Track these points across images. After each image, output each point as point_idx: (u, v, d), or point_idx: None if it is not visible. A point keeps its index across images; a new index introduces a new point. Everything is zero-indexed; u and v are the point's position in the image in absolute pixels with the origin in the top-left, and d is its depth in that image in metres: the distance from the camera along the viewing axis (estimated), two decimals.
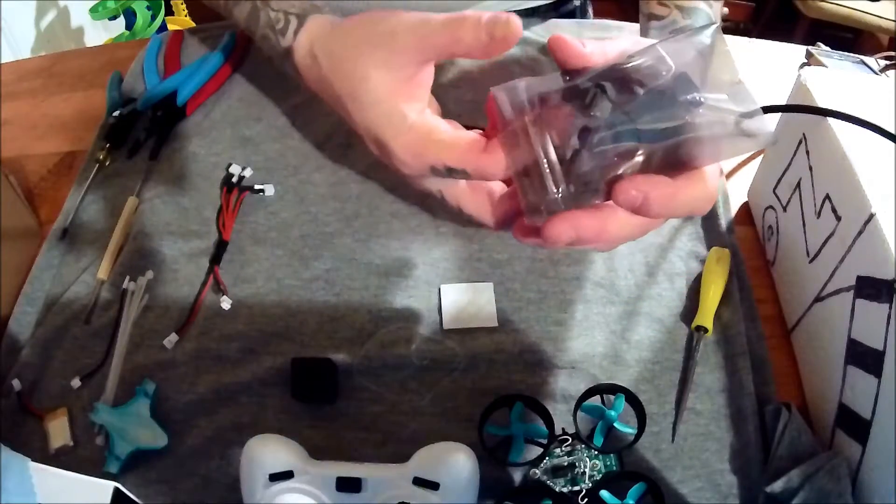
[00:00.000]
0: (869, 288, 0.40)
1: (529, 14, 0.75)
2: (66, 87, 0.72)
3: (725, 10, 2.03)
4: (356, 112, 0.42)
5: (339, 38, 0.43)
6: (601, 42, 0.39)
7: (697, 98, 0.34)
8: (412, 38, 0.39)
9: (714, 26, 0.36)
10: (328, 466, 0.41)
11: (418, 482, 0.40)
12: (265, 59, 0.69)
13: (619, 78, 0.36)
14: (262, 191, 0.58)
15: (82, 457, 0.46)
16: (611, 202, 0.36)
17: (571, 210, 0.36)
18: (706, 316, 0.50)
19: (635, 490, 0.42)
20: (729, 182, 0.60)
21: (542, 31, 0.72)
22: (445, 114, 0.67)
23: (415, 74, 0.40)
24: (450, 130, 0.39)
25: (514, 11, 0.73)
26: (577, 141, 0.35)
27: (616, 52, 0.38)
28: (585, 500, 0.41)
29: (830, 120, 0.45)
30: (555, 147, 0.35)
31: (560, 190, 0.35)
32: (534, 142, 0.36)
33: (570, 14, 0.79)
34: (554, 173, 0.35)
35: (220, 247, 0.55)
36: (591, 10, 0.84)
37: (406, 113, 0.40)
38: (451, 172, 0.39)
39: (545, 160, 0.35)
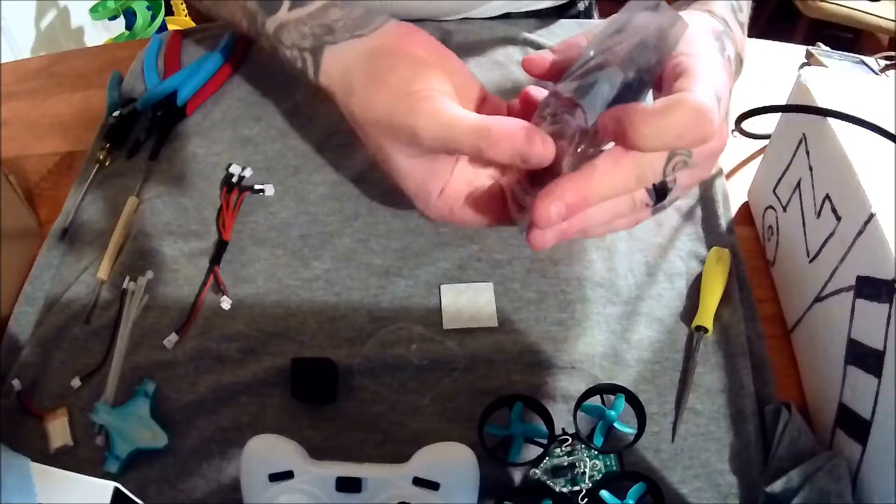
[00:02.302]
0: (869, 288, 0.40)
1: (533, 17, 0.75)
2: (66, 87, 0.72)
3: None
4: (388, 172, 0.44)
5: (363, 104, 0.42)
6: (567, 41, 0.42)
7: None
8: (436, 143, 0.38)
9: None
10: (328, 466, 0.41)
11: (418, 482, 0.40)
12: (265, 59, 0.69)
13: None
14: (262, 191, 0.58)
15: (82, 457, 0.46)
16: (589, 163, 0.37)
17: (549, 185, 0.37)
18: (706, 316, 0.50)
19: (635, 490, 0.42)
20: (729, 182, 0.60)
21: (545, 34, 0.72)
22: None
23: (437, 157, 0.42)
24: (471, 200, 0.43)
25: (517, 14, 0.74)
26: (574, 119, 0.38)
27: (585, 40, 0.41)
28: (585, 500, 0.41)
29: (830, 120, 0.45)
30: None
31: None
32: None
33: (575, 18, 0.79)
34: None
35: (220, 247, 0.55)
36: (596, 14, 0.84)
37: (431, 190, 0.43)
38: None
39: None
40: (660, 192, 0.39)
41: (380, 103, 0.40)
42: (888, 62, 0.61)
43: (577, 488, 0.42)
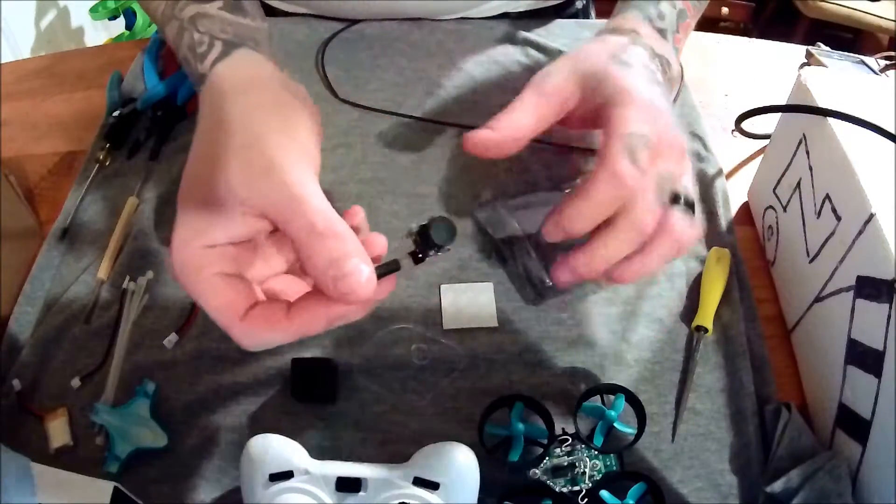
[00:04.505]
0: (869, 288, 0.40)
1: (532, 16, 0.75)
2: (66, 87, 0.72)
3: (725, 10, 2.03)
4: (196, 175, 0.34)
5: (251, 107, 0.36)
6: (508, 116, 0.42)
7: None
8: (280, 194, 0.32)
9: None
10: (328, 466, 0.41)
11: (418, 482, 0.40)
12: None
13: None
14: None
15: (82, 457, 0.46)
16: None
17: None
18: (706, 316, 0.50)
19: (635, 490, 0.42)
20: (729, 182, 0.60)
21: (543, 33, 0.72)
22: (447, 114, 0.67)
23: (249, 216, 0.33)
24: (226, 286, 0.33)
25: (517, 13, 0.74)
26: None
27: (527, 120, 0.42)
28: (585, 500, 0.41)
29: (830, 120, 0.45)
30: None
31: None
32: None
33: (573, 17, 0.79)
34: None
35: None
36: (593, 13, 0.84)
37: (209, 230, 0.33)
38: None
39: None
40: (688, 204, 0.40)
41: (263, 128, 0.35)
42: (888, 62, 0.61)
43: (577, 488, 0.42)
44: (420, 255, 0.36)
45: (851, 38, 1.95)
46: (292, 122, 0.36)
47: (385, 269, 0.35)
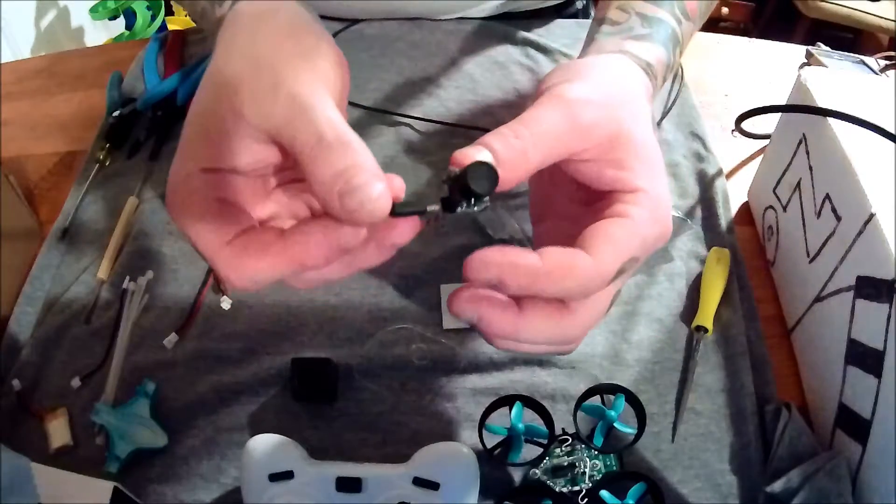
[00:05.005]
0: (869, 288, 0.40)
1: (532, 16, 0.75)
2: (66, 87, 0.72)
3: (725, 10, 2.04)
4: (191, 118, 0.31)
5: (257, 40, 0.31)
6: (520, 142, 0.31)
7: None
8: (288, 108, 0.28)
9: None
10: (328, 466, 0.41)
11: (418, 482, 0.40)
12: None
13: None
14: None
15: (82, 457, 0.46)
16: None
17: None
18: (706, 316, 0.50)
19: (635, 490, 0.42)
20: (729, 182, 0.60)
21: (544, 33, 0.72)
22: (447, 114, 0.67)
23: (249, 140, 0.30)
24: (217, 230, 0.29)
25: (516, 13, 0.74)
26: None
27: (540, 155, 0.31)
28: (585, 500, 0.41)
29: (830, 120, 0.45)
30: None
31: None
32: None
33: (573, 16, 0.79)
34: None
35: None
36: (593, 13, 0.84)
37: (196, 174, 0.30)
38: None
39: None
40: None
41: (275, 48, 0.31)
42: (888, 62, 0.61)
43: (577, 488, 0.42)
44: (453, 204, 0.30)
45: (851, 38, 1.95)
46: (310, 52, 0.31)
47: (408, 206, 0.30)
